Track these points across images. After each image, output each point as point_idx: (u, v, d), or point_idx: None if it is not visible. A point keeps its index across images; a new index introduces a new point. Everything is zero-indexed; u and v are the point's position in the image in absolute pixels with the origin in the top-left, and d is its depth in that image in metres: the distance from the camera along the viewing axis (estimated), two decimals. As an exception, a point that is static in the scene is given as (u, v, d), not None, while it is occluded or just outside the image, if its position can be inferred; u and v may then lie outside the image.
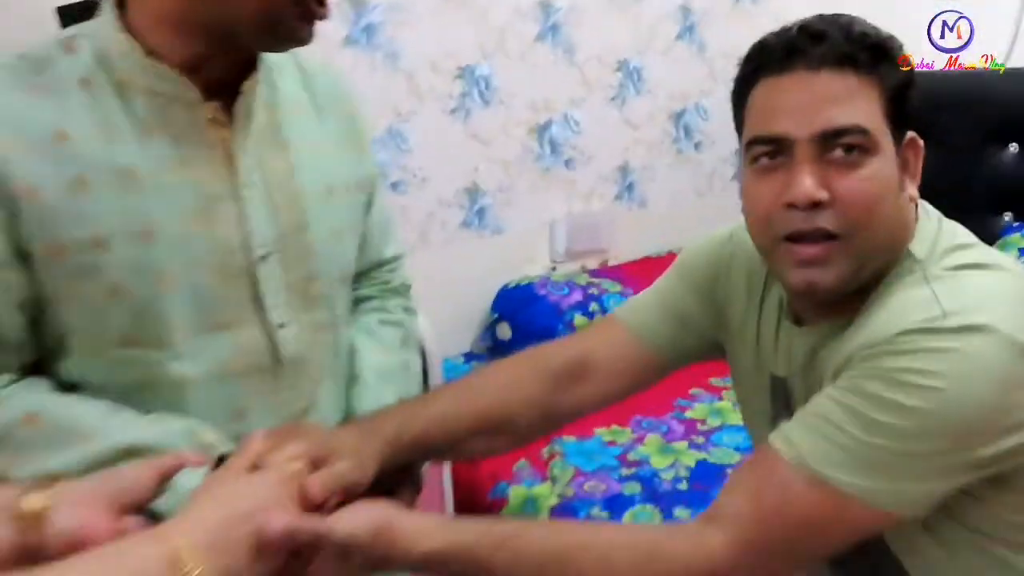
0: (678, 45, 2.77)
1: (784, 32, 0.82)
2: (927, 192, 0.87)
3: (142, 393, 0.87)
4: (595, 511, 1.57)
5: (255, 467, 0.73)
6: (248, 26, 0.81)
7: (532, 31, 2.43)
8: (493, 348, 2.36)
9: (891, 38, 0.81)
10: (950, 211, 0.91)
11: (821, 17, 0.81)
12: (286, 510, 0.68)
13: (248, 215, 0.88)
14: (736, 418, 1.92)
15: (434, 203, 2.34)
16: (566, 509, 1.59)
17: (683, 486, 1.64)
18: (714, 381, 2.12)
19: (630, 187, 2.77)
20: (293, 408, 0.95)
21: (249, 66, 0.89)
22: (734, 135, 0.93)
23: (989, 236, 2.35)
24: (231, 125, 0.87)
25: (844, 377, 0.75)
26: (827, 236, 0.77)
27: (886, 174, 0.79)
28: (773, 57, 0.81)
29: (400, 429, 0.88)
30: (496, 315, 2.35)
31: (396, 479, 0.89)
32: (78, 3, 1.53)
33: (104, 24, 0.84)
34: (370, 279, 1.09)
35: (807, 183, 0.76)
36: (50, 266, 0.81)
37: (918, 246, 0.80)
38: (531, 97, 2.47)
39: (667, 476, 1.68)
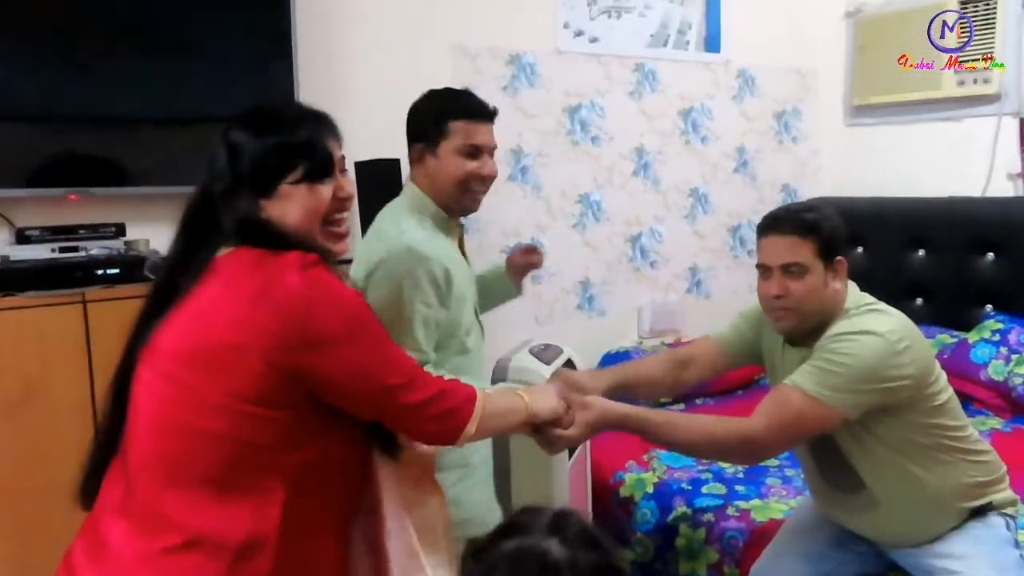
0: (735, 177, 3.67)
1: (771, 212, 1.72)
2: (925, 287, 1.71)
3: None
4: (682, 486, 2.37)
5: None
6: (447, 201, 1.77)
7: (630, 168, 3.37)
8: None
9: (821, 221, 1.66)
10: (944, 302, 1.75)
11: (787, 208, 1.71)
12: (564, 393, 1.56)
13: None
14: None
15: (559, 291, 3.23)
16: (661, 486, 2.40)
17: (740, 475, 2.43)
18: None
19: (698, 283, 3.63)
20: None
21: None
22: None
23: (973, 321, 3.05)
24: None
25: (813, 355, 1.61)
26: (784, 308, 1.65)
27: (814, 281, 1.64)
28: (763, 225, 1.71)
29: (614, 374, 1.81)
30: (601, 373, 3.19)
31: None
32: (372, 160, 2.49)
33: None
34: None
35: (774, 288, 1.65)
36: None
37: (848, 305, 1.66)
38: (627, 216, 3.38)
39: (728, 468, 2.48)
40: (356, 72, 2.68)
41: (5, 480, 1.91)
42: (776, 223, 1.68)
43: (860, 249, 3.58)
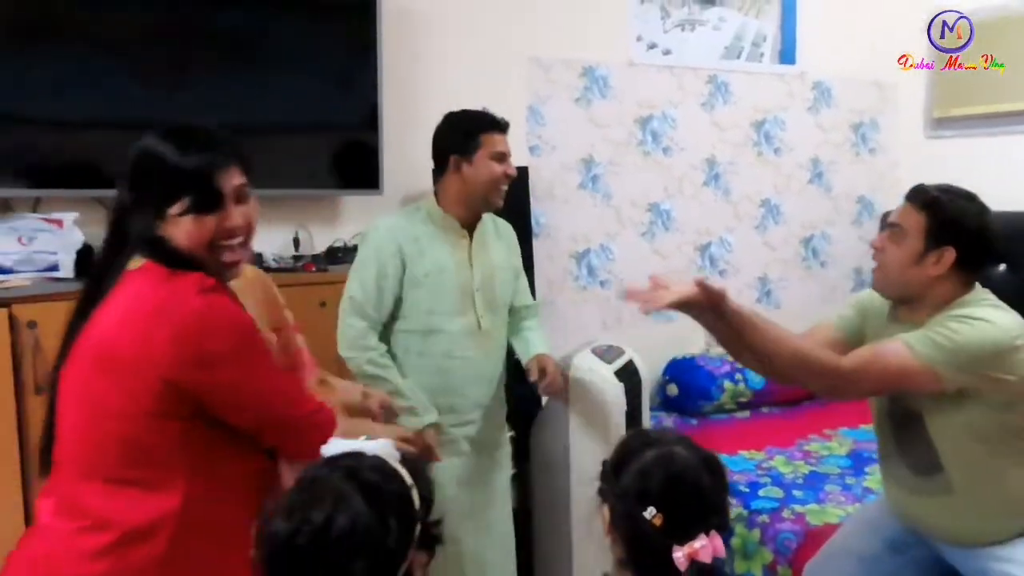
0: (809, 188, 3.68)
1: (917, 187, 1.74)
2: (1007, 303, 1.69)
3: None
4: (740, 488, 2.41)
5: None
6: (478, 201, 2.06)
7: (700, 179, 3.42)
8: (663, 402, 3.25)
9: (946, 203, 1.68)
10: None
11: (939, 184, 1.72)
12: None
13: (475, 273, 2.02)
14: (839, 450, 2.73)
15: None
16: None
17: (800, 480, 2.46)
18: (827, 431, 2.93)
19: (768, 293, 3.65)
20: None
21: (478, 219, 2.10)
22: (852, 256, 2.00)
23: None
24: (471, 239, 2.07)
25: (927, 325, 1.62)
26: (877, 264, 1.71)
27: (907, 251, 1.67)
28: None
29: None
30: (667, 378, 3.24)
31: None
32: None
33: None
34: (526, 308, 2.29)
35: (877, 239, 1.71)
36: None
37: (968, 298, 1.67)
38: (697, 225, 3.44)
39: (788, 474, 2.51)
40: (437, 82, 2.83)
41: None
42: (914, 191, 1.72)
43: (937, 263, 3.54)
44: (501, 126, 2.11)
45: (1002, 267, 3.51)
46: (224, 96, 2.39)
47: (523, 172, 2.86)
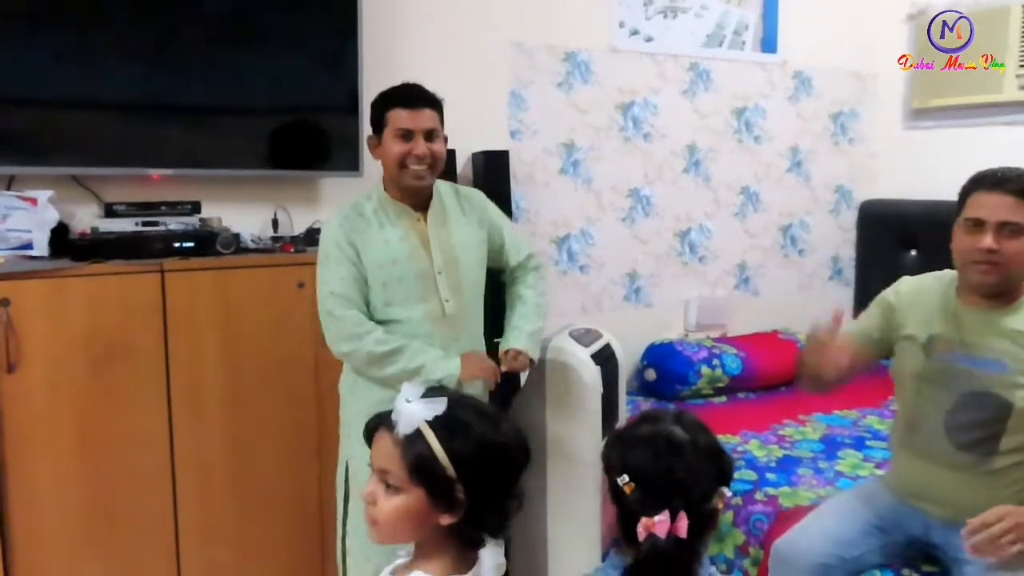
0: (788, 176, 3.71)
1: (991, 169, 1.74)
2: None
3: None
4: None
5: None
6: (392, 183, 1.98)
7: (680, 165, 3.44)
8: (641, 386, 3.27)
9: None
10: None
11: (1007, 169, 1.72)
12: None
13: (433, 256, 1.97)
14: (812, 435, 2.76)
15: (607, 282, 3.33)
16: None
17: (773, 464, 2.50)
18: (801, 416, 2.96)
19: (746, 280, 3.68)
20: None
21: (426, 198, 2.02)
22: (830, 245, 2.11)
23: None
24: (426, 221, 2.00)
25: None
26: (992, 264, 1.71)
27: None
28: (986, 181, 1.73)
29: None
30: (645, 363, 3.27)
31: None
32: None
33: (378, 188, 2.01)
34: (520, 267, 2.19)
35: (990, 241, 1.70)
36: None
37: None
38: (677, 211, 3.45)
39: (762, 458, 2.54)
40: (419, 65, 2.81)
41: (89, 427, 2.12)
42: (1002, 182, 1.71)
43: (913, 252, 3.59)
44: (408, 100, 1.94)
45: (913, 252, 3.57)
46: (204, 76, 2.38)
47: (504, 156, 2.87)
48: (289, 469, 2.35)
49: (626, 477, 1.19)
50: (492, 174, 2.83)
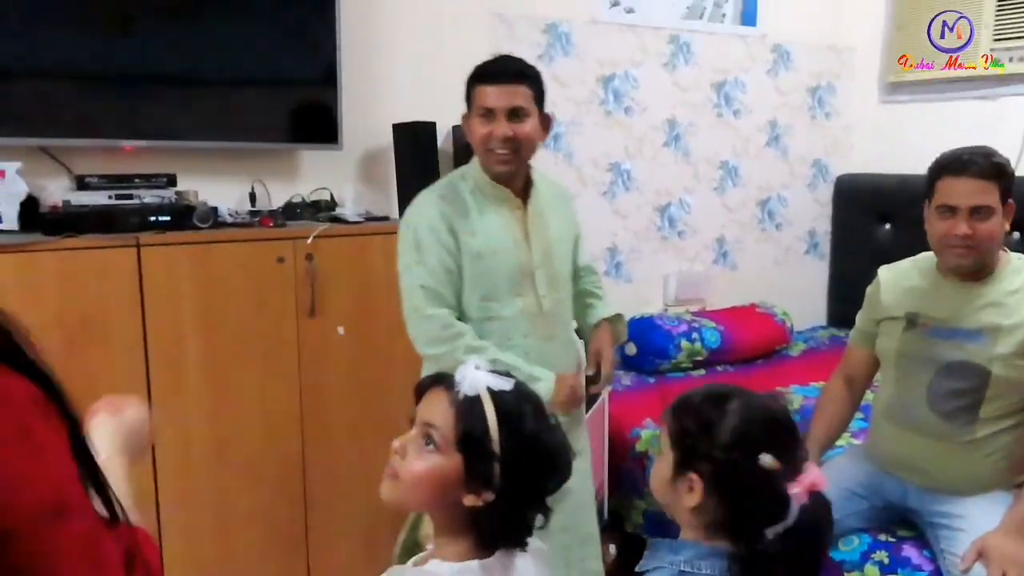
0: (767, 151, 3.71)
1: (955, 153, 1.76)
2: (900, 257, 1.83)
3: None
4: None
5: None
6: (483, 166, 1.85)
7: (660, 139, 3.43)
8: (622, 360, 3.28)
9: (1006, 165, 1.74)
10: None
11: (970, 151, 1.73)
12: None
13: (533, 249, 1.89)
14: (790, 406, 2.79)
15: (587, 257, 3.31)
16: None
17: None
18: (779, 389, 2.99)
19: (725, 254, 3.69)
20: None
21: (530, 185, 1.91)
22: (806, 219, 2.22)
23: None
24: (526, 209, 1.90)
25: None
26: (968, 247, 1.74)
27: (998, 222, 1.73)
28: (951, 166, 1.75)
29: (824, 442, 2.05)
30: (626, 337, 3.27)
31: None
32: (409, 123, 2.60)
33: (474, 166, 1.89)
34: (586, 268, 2.17)
35: (963, 227, 1.72)
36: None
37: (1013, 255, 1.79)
38: (657, 186, 3.45)
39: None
40: (396, 36, 2.77)
41: (64, 407, 2.07)
42: (967, 166, 1.72)
43: (888, 226, 3.62)
44: (492, 75, 1.77)
45: (887, 226, 3.61)
46: (179, 47, 2.31)
47: (484, 129, 2.83)
48: (271, 441, 2.32)
49: (767, 456, 1.09)
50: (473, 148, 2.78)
